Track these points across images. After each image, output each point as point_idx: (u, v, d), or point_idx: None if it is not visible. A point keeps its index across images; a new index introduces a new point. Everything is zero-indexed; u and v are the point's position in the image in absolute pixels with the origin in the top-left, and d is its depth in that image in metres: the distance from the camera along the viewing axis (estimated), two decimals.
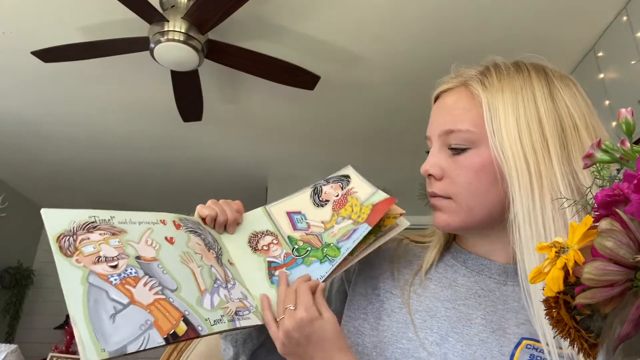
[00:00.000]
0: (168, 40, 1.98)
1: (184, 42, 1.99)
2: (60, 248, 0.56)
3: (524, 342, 0.61)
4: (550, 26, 2.21)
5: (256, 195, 4.25)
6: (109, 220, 0.62)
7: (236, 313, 0.63)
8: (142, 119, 3.14)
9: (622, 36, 2.06)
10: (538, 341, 0.60)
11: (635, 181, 0.32)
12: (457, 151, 0.66)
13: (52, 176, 4.08)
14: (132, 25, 2.12)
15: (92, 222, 0.61)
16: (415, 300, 0.69)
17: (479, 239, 0.70)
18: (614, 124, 2.02)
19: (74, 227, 0.59)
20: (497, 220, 0.65)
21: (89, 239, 0.58)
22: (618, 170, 0.39)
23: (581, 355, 0.39)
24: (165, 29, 1.97)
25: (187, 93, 2.45)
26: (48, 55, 2.18)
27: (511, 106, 0.64)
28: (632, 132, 0.39)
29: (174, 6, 2.02)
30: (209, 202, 0.75)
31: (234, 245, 0.73)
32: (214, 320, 0.59)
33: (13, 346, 2.50)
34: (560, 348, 0.56)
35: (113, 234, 0.61)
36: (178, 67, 2.15)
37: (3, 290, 4.23)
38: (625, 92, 2.00)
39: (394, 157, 3.55)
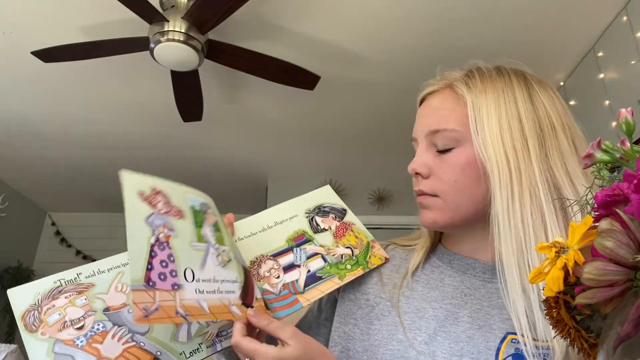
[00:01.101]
0: (168, 40, 1.98)
1: (184, 42, 1.99)
2: (26, 326, 0.57)
3: (509, 336, 0.63)
4: (550, 26, 2.21)
5: (256, 195, 4.25)
6: (74, 279, 0.62)
7: (218, 335, 0.64)
8: (142, 119, 3.14)
9: (622, 36, 2.06)
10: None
11: (635, 181, 0.32)
12: (443, 150, 0.69)
13: (52, 176, 4.08)
14: (132, 25, 2.12)
15: (58, 287, 0.61)
16: (404, 302, 0.71)
17: (464, 237, 0.73)
18: (614, 124, 2.03)
19: (38, 300, 0.60)
20: (481, 216, 0.67)
21: (54, 306, 0.59)
22: (618, 171, 0.39)
23: (581, 355, 0.40)
24: (165, 29, 1.97)
25: (187, 93, 2.45)
26: (48, 55, 2.18)
27: (494, 107, 0.67)
28: (632, 132, 0.39)
29: (174, 6, 2.02)
30: None
31: None
32: (190, 352, 0.60)
33: (13, 346, 2.50)
34: (535, 339, 0.58)
35: (79, 292, 0.61)
36: (178, 67, 2.15)
37: (3, 290, 4.23)
38: (625, 92, 2.00)
39: (394, 157, 3.55)
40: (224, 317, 0.58)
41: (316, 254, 0.75)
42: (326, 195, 0.84)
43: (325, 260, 0.75)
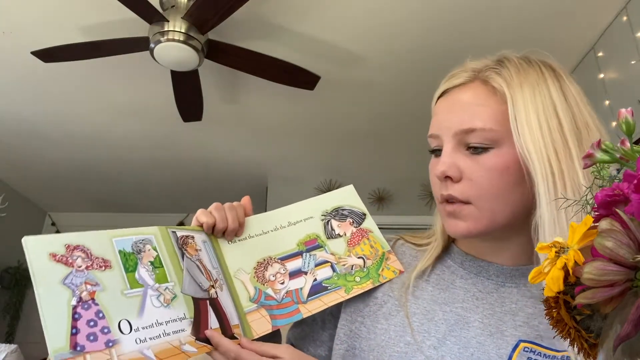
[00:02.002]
0: (168, 40, 1.98)
1: (184, 42, 1.99)
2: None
3: (522, 344, 0.60)
4: (550, 26, 2.21)
5: (256, 195, 4.25)
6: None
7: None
8: (142, 119, 3.14)
9: (622, 36, 2.06)
10: (536, 344, 0.60)
11: (635, 181, 0.32)
12: (477, 150, 0.62)
13: (52, 176, 4.08)
14: (132, 25, 2.12)
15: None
16: (413, 303, 0.68)
17: (484, 240, 0.68)
18: (614, 124, 2.02)
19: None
20: (520, 222, 0.62)
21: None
22: (618, 170, 0.39)
23: (581, 355, 0.39)
24: (165, 29, 1.97)
25: (187, 93, 2.45)
26: (48, 55, 2.18)
27: (530, 102, 0.61)
28: (632, 132, 0.39)
29: (174, 6, 2.02)
30: (211, 206, 0.71)
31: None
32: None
33: (13, 346, 2.50)
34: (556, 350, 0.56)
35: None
36: (178, 67, 2.15)
37: (3, 290, 4.23)
38: (625, 92, 2.00)
39: (394, 157, 3.55)
40: (177, 359, 0.56)
41: (326, 262, 0.73)
42: (348, 196, 0.80)
43: (334, 269, 0.72)
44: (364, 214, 0.78)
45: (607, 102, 2.09)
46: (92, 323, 0.54)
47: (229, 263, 0.70)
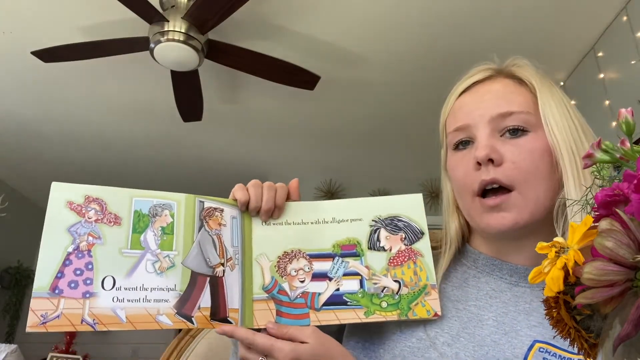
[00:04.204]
0: (168, 40, 1.98)
1: (184, 42, 1.99)
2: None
3: (537, 345, 0.60)
4: (550, 26, 2.21)
5: None
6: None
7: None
8: (142, 119, 3.14)
9: (622, 36, 2.06)
10: (551, 344, 0.60)
11: (635, 181, 0.32)
12: (516, 133, 0.63)
13: (52, 176, 4.07)
14: (132, 25, 2.12)
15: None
16: None
17: (505, 241, 0.67)
18: (614, 124, 2.02)
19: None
20: (547, 217, 0.62)
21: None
22: (618, 171, 0.39)
23: (581, 355, 0.39)
24: (165, 29, 1.97)
25: (187, 93, 2.45)
26: (48, 55, 2.18)
27: (552, 98, 0.65)
28: (632, 132, 0.39)
29: (174, 6, 2.02)
30: (249, 183, 0.69)
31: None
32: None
33: (13, 346, 2.50)
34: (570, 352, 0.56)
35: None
36: (178, 67, 2.15)
37: (3, 290, 4.23)
38: (625, 92, 2.00)
39: (394, 157, 3.55)
40: (147, 327, 0.56)
41: (356, 273, 0.65)
42: (411, 207, 0.69)
43: (362, 285, 0.64)
44: (422, 233, 0.67)
45: (607, 102, 2.09)
46: (78, 272, 0.57)
47: (254, 245, 0.66)
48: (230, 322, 0.61)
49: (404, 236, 0.67)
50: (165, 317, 0.58)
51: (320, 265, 0.66)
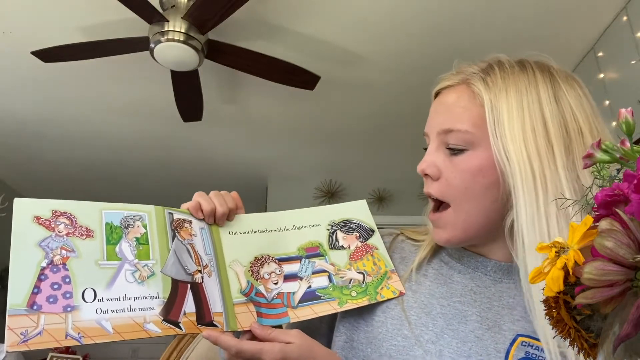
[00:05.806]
0: (168, 40, 1.98)
1: (184, 42, 1.99)
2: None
3: (520, 338, 0.61)
4: (550, 26, 2.21)
5: (256, 195, 4.25)
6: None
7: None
8: (142, 119, 3.14)
9: (622, 36, 2.06)
10: (534, 338, 0.60)
11: (635, 181, 0.32)
12: (454, 151, 0.65)
13: (52, 176, 4.08)
14: (132, 25, 2.12)
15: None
16: (411, 296, 0.69)
17: (476, 242, 0.70)
18: (614, 124, 2.02)
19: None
20: (496, 224, 0.64)
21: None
22: (618, 171, 0.39)
23: (581, 355, 0.40)
24: (165, 29, 1.97)
25: (187, 93, 2.45)
26: (48, 55, 2.18)
27: (516, 108, 0.62)
28: (632, 132, 0.39)
29: (174, 6, 2.02)
30: (196, 194, 0.71)
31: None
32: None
33: None
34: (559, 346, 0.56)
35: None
36: (178, 67, 2.15)
37: (3, 290, 4.23)
38: (625, 92, 2.00)
39: (394, 157, 3.55)
40: (135, 336, 0.56)
41: (324, 271, 0.72)
42: (358, 211, 0.80)
43: (330, 280, 0.71)
44: (372, 230, 0.77)
45: (607, 102, 2.09)
46: (55, 286, 0.56)
47: (226, 253, 0.69)
48: (217, 326, 0.62)
49: (358, 235, 0.76)
50: (152, 324, 0.58)
51: (289, 268, 0.71)
